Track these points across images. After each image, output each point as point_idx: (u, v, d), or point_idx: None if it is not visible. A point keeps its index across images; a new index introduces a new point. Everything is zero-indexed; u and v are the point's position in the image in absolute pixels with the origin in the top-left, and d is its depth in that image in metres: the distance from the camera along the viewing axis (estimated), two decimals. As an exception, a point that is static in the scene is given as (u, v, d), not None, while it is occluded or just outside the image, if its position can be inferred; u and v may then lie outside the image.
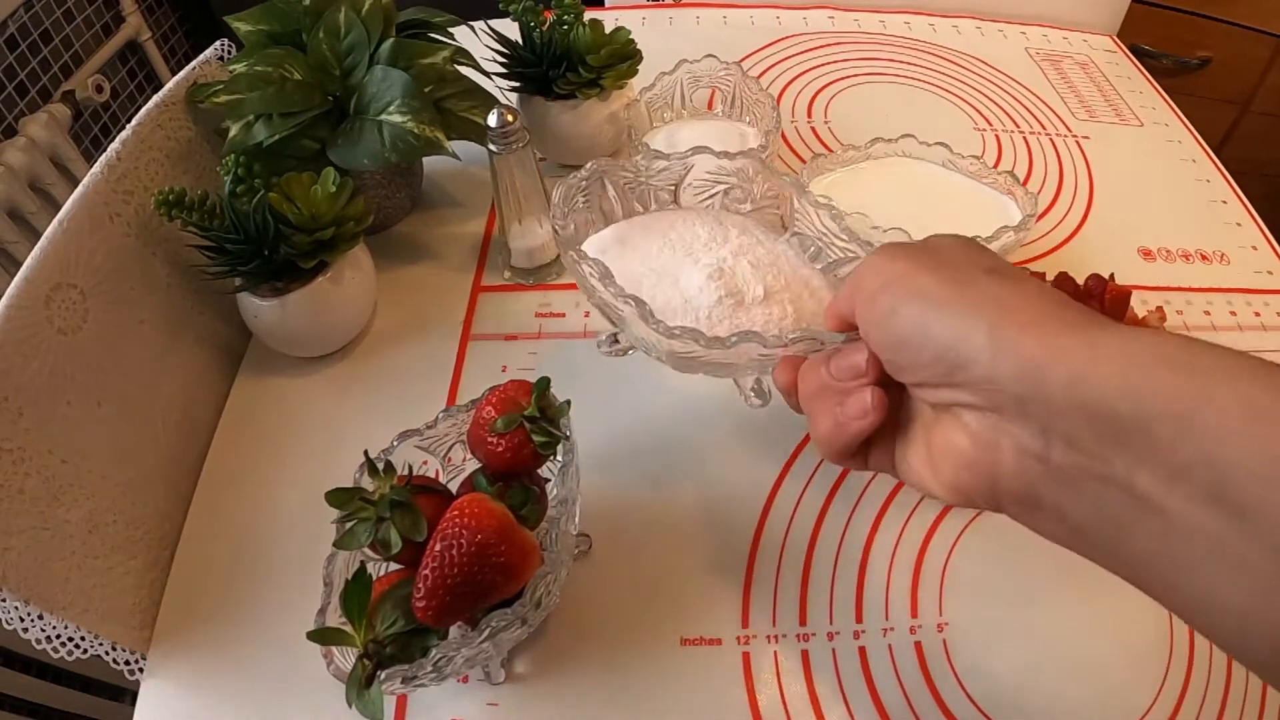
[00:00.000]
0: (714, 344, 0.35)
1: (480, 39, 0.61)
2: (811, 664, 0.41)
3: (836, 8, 0.87)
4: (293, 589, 0.44)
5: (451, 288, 0.60)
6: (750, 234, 0.43)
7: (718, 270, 0.40)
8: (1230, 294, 0.59)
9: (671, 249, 0.42)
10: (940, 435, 0.27)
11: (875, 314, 0.28)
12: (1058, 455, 0.23)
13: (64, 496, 0.40)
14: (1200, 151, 0.71)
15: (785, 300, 0.40)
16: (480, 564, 0.32)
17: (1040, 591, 0.43)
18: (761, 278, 0.40)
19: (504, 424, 0.36)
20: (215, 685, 0.42)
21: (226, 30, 0.59)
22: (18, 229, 0.99)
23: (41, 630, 0.38)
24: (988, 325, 0.24)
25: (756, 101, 0.60)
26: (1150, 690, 0.40)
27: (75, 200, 0.45)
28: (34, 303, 0.40)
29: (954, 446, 0.26)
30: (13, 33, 1.09)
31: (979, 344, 0.24)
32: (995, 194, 0.55)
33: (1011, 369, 0.23)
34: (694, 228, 0.43)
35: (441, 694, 0.41)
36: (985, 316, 0.24)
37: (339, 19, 0.55)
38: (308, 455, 0.51)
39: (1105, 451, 0.22)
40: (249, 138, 0.51)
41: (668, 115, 0.62)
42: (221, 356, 0.55)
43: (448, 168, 0.67)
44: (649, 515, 0.47)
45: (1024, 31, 0.86)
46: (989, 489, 0.26)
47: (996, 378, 0.24)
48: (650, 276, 0.41)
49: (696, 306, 0.39)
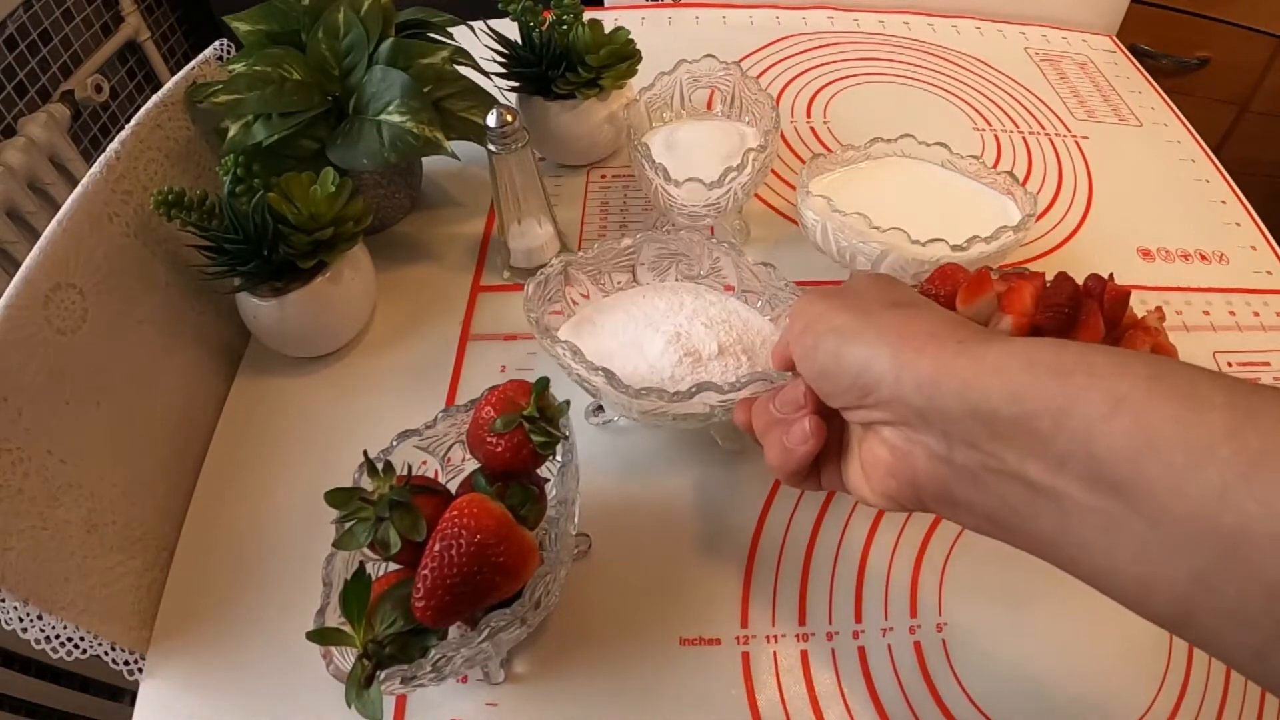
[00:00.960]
0: (676, 398, 0.40)
1: (479, 39, 0.61)
2: (811, 664, 0.41)
3: (836, 8, 0.87)
4: (292, 589, 0.44)
5: (451, 288, 0.60)
6: (703, 298, 0.49)
7: (675, 335, 0.46)
8: (1229, 294, 0.59)
9: (634, 322, 0.48)
10: (867, 450, 0.31)
11: (802, 350, 0.32)
12: (960, 456, 0.27)
13: (63, 496, 0.40)
14: (1199, 151, 0.71)
15: (739, 351, 0.45)
16: (479, 564, 0.32)
17: (1040, 591, 0.43)
18: (715, 335, 0.46)
19: (503, 424, 0.36)
20: (214, 685, 0.42)
21: (225, 30, 0.59)
22: (17, 229, 0.99)
23: (41, 630, 0.38)
24: (890, 351, 0.28)
25: (756, 101, 0.60)
26: (1150, 689, 0.40)
27: (74, 200, 0.45)
28: (33, 303, 0.40)
29: (879, 458, 0.30)
30: (12, 32, 1.09)
31: (883, 368, 0.28)
32: (994, 194, 0.55)
33: (911, 386, 0.27)
34: (652, 300, 0.49)
35: (441, 694, 0.41)
36: (887, 343, 0.28)
37: (338, 19, 0.55)
38: (307, 455, 0.51)
39: (998, 449, 0.25)
40: (248, 137, 0.51)
41: (667, 115, 0.62)
42: (220, 356, 0.55)
43: (447, 168, 0.67)
44: (649, 515, 0.47)
45: (1023, 31, 0.86)
46: (912, 492, 0.29)
47: (901, 395, 0.27)
48: (618, 350, 0.46)
49: (660, 369, 0.44)
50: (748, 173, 0.53)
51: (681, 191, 0.53)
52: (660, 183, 0.53)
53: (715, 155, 0.57)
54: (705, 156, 0.57)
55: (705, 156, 0.57)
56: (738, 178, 0.52)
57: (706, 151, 0.58)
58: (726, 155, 0.57)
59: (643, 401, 0.41)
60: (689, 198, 0.54)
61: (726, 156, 0.56)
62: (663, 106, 0.62)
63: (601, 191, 0.67)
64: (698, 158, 0.58)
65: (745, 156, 0.52)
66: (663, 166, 0.53)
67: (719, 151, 0.58)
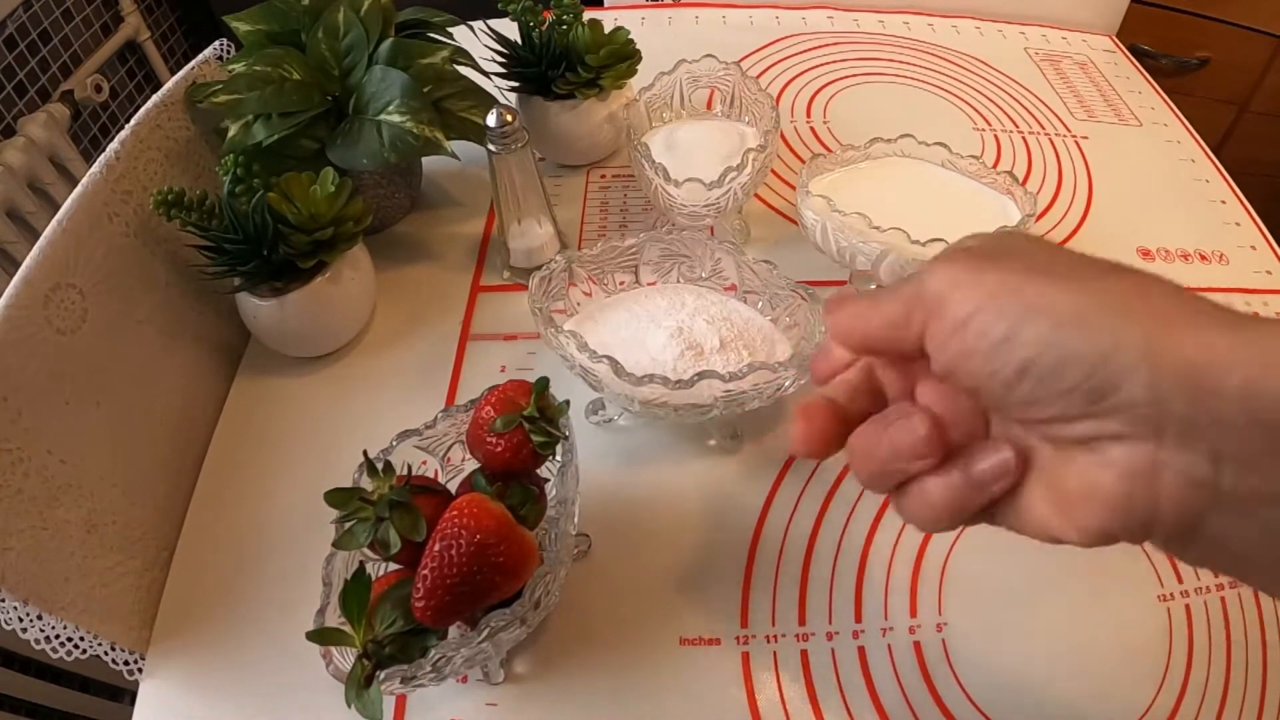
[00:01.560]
0: (678, 386, 0.41)
1: (479, 39, 0.61)
2: (810, 664, 0.41)
3: (835, 8, 0.87)
4: (292, 589, 0.44)
5: (450, 287, 0.60)
6: (704, 297, 0.50)
7: (677, 330, 0.46)
8: (1229, 294, 0.59)
9: (637, 319, 0.48)
10: (1074, 476, 0.22)
11: (978, 343, 0.22)
12: (1229, 480, 0.20)
13: (63, 496, 0.40)
14: (1199, 151, 0.71)
15: (740, 346, 0.46)
16: (479, 564, 0.32)
17: (1040, 591, 0.43)
18: (716, 331, 0.46)
19: (503, 424, 0.36)
20: (214, 685, 0.42)
21: (225, 30, 0.59)
22: (16, 229, 0.98)
23: (40, 630, 0.38)
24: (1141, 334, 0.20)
25: (755, 101, 0.60)
26: (1150, 688, 0.40)
27: (74, 200, 0.45)
28: (33, 303, 0.40)
29: (1096, 487, 0.22)
30: (11, 32, 1.09)
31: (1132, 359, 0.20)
32: (994, 194, 0.55)
33: (1174, 384, 0.19)
34: (654, 299, 0.50)
35: (440, 694, 0.41)
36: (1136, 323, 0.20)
37: (338, 19, 0.55)
38: (307, 455, 0.51)
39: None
40: (248, 137, 0.51)
41: (667, 115, 0.62)
42: (220, 356, 0.55)
43: (447, 168, 0.67)
44: (648, 515, 0.47)
45: (1023, 31, 0.86)
46: (1141, 527, 0.21)
47: (1160, 397, 0.19)
48: (620, 345, 0.46)
49: (662, 362, 0.45)
50: (747, 173, 0.53)
51: (681, 191, 0.53)
52: (660, 183, 0.53)
53: (715, 155, 0.57)
54: (705, 156, 0.57)
55: (705, 156, 0.57)
56: (737, 178, 0.53)
57: (706, 151, 0.58)
58: (726, 155, 0.57)
59: (645, 390, 0.42)
60: (689, 198, 0.54)
61: (726, 156, 0.56)
62: (662, 107, 0.62)
63: (601, 191, 0.67)
64: (697, 158, 0.58)
65: (745, 156, 0.52)
66: (662, 166, 0.53)
67: (719, 151, 0.58)
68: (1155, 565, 0.44)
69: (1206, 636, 0.42)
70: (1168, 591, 0.44)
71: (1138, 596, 0.43)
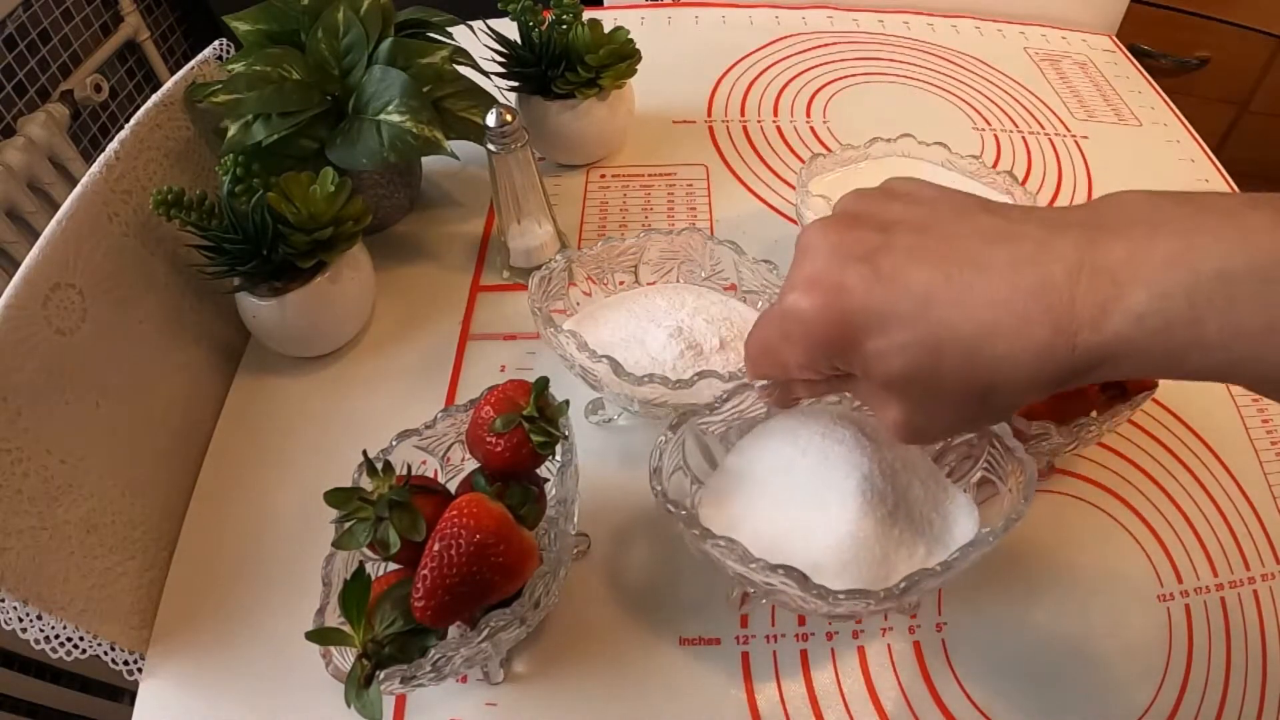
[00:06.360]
0: (678, 386, 0.41)
1: (479, 38, 0.61)
2: (810, 664, 0.41)
3: (835, 7, 0.87)
4: (291, 589, 0.44)
5: (450, 287, 0.60)
6: (704, 297, 0.49)
7: (677, 329, 0.46)
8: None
9: (636, 319, 0.48)
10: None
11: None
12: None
13: (62, 496, 0.40)
14: (1199, 151, 0.71)
15: (739, 346, 0.45)
16: (479, 564, 0.32)
17: (1039, 591, 0.43)
18: (717, 331, 0.46)
19: (502, 424, 0.36)
20: (214, 685, 0.42)
21: (225, 30, 0.59)
22: (16, 229, 0.98)
23: (40, 630, 0.38)
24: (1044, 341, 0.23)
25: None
26: (1149, 688, 0.40)
27: (74, 200, 0.45)
28: (32, 303, 0.40)
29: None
30: (11, 32, 1.09)
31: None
32: (994, 194, 0.55)
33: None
34: (654, 299, 0.49)
35: (440, 694, 0.41)
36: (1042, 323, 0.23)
37: (337, 18, 0.55)
38: (306, 455, 0.51)
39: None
40: (247, 137, 0.51)
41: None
42: (220, 356, 0.55)
43: (446, 167, 0.67)
44: (648, 515, 0.47)
45: (1023, 31, 0.86)
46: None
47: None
48: (620, 344, 0.46)
49: (662, 362, 0.45)
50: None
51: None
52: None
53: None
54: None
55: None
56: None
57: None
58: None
59: (645, 390, 0.41)
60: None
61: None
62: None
63: (601, 191, 0.67)
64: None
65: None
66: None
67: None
68: (1155, 565, 0.44)
69: (1206, 636, 0.42)
70: (1167, 591, 0.44)
71: (1137, 596, 0.43)
